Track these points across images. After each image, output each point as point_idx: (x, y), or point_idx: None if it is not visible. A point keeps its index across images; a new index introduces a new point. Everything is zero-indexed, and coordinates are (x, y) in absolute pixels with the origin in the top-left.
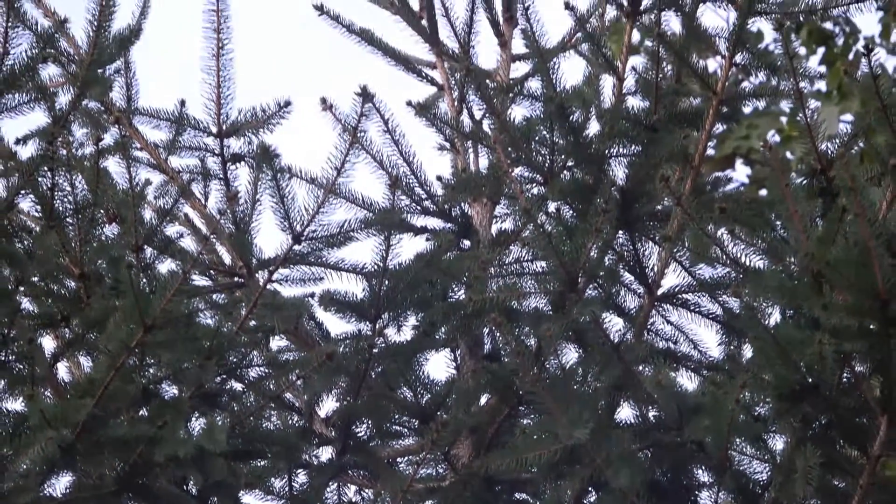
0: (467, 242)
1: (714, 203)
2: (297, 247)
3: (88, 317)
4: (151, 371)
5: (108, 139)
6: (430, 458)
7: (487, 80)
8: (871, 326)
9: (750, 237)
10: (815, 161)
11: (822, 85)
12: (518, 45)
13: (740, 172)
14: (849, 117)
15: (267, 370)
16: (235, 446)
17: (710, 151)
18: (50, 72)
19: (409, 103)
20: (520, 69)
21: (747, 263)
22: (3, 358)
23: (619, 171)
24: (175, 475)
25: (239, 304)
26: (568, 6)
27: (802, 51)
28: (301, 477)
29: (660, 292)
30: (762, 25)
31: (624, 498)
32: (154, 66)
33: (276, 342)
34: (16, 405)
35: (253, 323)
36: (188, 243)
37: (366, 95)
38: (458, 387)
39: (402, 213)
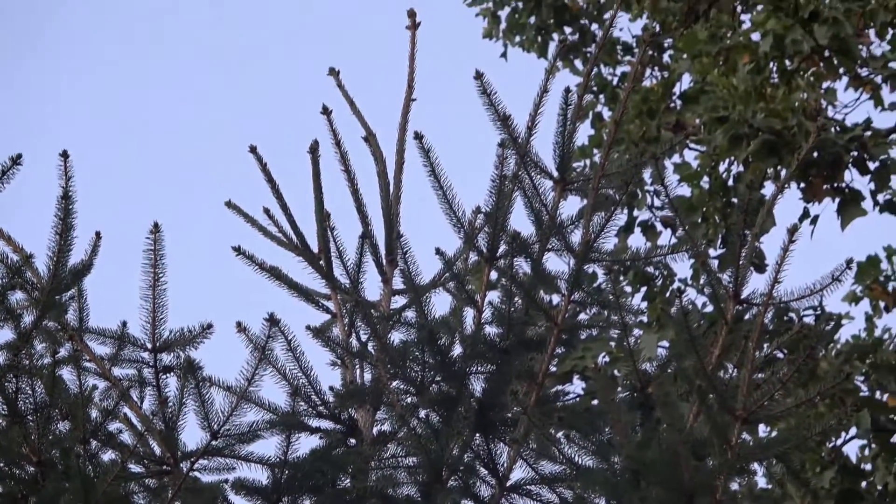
0: (353, 441)
1: (554, 412)
2: (214, 442)
3: (44, 497)
4: None
5: (63, 352)
6: None
7: (372, 310)
8: None
9: (582, 440)
10: (636, 379)
11: (644, 317)
12: (398, 282)
13: (576, 386)
14: (665, 344)
15: None
16: None
17: (553, 369)
18: (17, 297)
19: (307, 327)
20: (399, 301)
21: (580, 462)
22: None
23: (477, 386)
24: None
25: (166, 488)
26: (438, 252)
27: (629, 289)
28: None
29: (509, 484)
30: (596, 269)
31: None
32: (100, 288)
33: None
34: None
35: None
36: (126, 437)
37: (272, 321)
38: None
39: (301, 416)
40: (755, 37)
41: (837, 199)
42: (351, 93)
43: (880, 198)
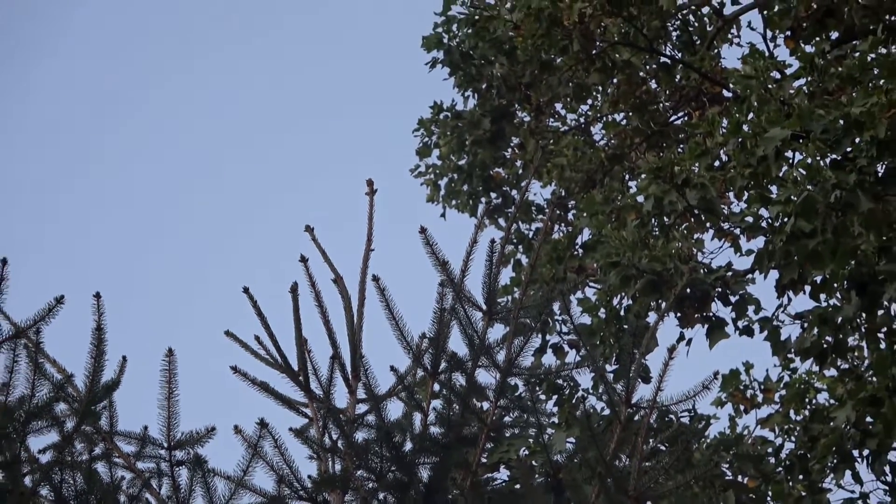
0: None
1: (485, 494)
2: None
3: None
4: None
5: (98, 450)
6: None
7: (340, 415)
8: None
9: None
10: (549, 468)
11: (555, 419)
12: (361, 393)
13: (503, 474)
14: (572, 440)
15: None
16: None
17: (483, 460)
18: (60, 407)
19: (290, 429)
20: (362, 408)
21: None
22: None
23: (424, 473)
24: None
25: None
26: (392, 369)
27: (543, 397)
28: None
29: None
30: (517, 381)
31: None
32: (126, 399)
33: None
34: None
35: None
36: None
37: (263, 424)
38: None
39: (285, 499)
40: (640, 199)
41: (706, 326)
42: (323, 244)
43: (740, 324)
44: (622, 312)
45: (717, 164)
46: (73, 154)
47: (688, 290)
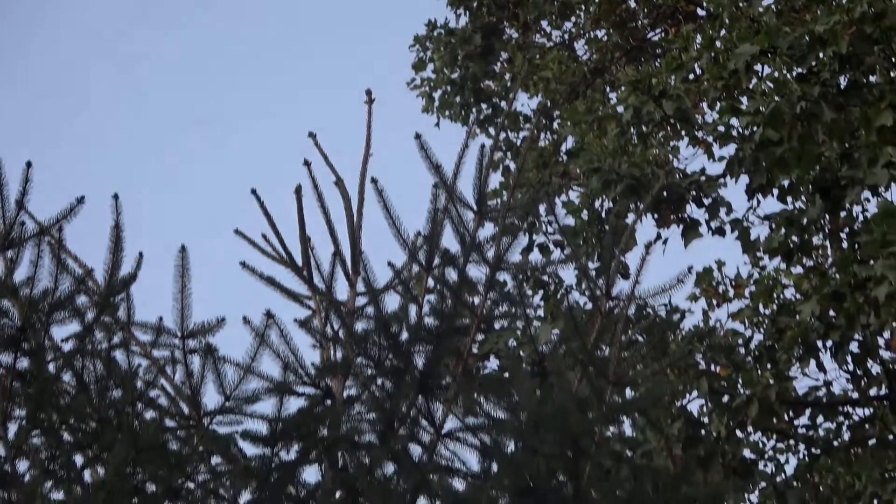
0: (329, 402)
1: (476, 380)
2: (227, 403)
3: (102, 445)
4: (139, 476)
5: (116, 340)
6: None
7: (342, 307)
8: (568, 452)
9: (497, 399)
10: (535, 357)
11: (541, 312)
12: (360, 287)
13: (493, 363)
14: (556, 332)
15: (209, 475)
16: None
17: (475, 350)
18: (82, 300)
19: (295, 320)
20: (361, 301)
21: (495, 416)
22: (51, 468)
23: (419, 361)
24: None
25: (192, 438)
26: (390, 264)
27: (530, 292)
28: None
29: (443, 432)
30: (506, 277)
31: None
32: (142, 291)
33: (215, 459)
34: (59, 496)
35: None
36: (163, 401)
37: (269, 315)
38: (323, 486)
39: (290, 385)
40: (620, 109)
41: (681, 226)
42: (325, 148)
43: (712, 225)
44: (603, 214)
45: (691, 76)
46: (95, 54)
47: (664, 194)
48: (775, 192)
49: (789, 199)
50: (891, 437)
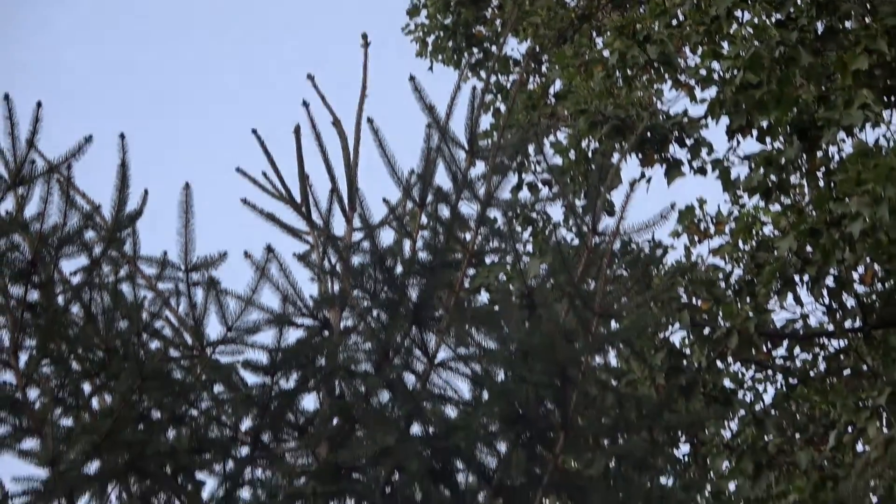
0: (326, 332)
1: (467, 312)
2: (229, 334)
3: (110, 374)
4: (144, 403)
5: (122, 273)
6: (303, 453)
7: (339, 242)
8: (556, 381)
9: (488, 332)
10: (525, 290)
11: (529, 247)
12: (357, 223)
13: (484, 297)
14: (545, 267)
15: (211, 403)
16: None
17: (466, 284)
18: (90, 234)
19: (294, 254)
20: (357, 236)
21: (485, 345)
22: (60, 396)
23: (413, 293)
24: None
25: (196, 367)
26: (385, 201)
27: (519, 228)
28: (229, 464)
29: (436, 362)
30: (496, 214)
31: (413, 479)
32: (148, 227)
33: (217, 388)
34: (67, 422)
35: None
36: (167, 332)
37: (269, 249)
38: (321, 413)
39: (289, 316)
40: (606, 53)
41: (664, 165)
42: (323, 90)
43: (694, 164)
44: (590, 154)
45: (674, 22)
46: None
47: (648, 134)
48: (755, 133)
49: (768, 139)
50: (864, 367)
